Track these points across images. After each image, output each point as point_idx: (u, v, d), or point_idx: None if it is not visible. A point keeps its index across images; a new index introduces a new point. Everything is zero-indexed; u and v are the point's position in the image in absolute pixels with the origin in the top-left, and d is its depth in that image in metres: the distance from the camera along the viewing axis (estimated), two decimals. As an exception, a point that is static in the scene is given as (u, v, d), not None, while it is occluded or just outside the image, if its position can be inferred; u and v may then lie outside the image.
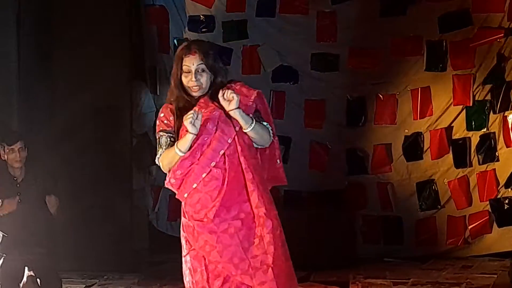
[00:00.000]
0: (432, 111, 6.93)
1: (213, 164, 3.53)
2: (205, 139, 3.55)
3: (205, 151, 3.54)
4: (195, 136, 3.51)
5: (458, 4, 6.84)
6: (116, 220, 6.36)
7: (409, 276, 6.11)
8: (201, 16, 7.29)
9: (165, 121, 3.64)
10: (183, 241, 3.62)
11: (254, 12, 7.21)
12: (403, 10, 6.97)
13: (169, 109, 3.66)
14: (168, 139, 3.62)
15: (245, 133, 3.56)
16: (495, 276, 6.11)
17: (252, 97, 3.59)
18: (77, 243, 6.14)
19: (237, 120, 3.53)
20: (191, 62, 3.57)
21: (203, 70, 3.58)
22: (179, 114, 3.60)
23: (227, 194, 3.52)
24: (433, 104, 6.93)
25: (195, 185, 3.55)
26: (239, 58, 7.25)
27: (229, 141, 3.54)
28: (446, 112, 6.92)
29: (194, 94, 3.60)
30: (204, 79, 3.59)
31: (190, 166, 3.55)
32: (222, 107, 3.55)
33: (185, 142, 3.52)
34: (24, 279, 5.00)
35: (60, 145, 6.06)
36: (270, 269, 3.51)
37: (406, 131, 7.01)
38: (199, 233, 3.54)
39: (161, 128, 3.64)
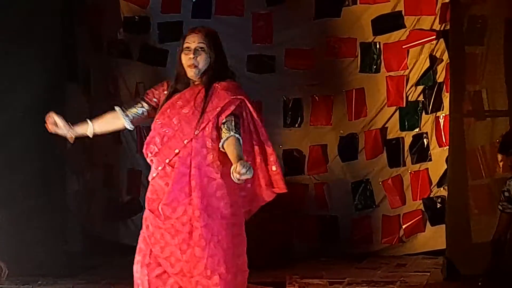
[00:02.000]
0: (367, 112, 7.02)
1: (167, 161, 3.57)
2: (166, 131, 3.59)
3: (166, 144, 3.59)
4: None
5: (391, 6, 6.95)
6: (49, 224, 6.24)
7: (345, 276, 6.16)
8: (136, 17, 7.22)
9: (152, 93, 3.74)
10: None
11: (189, 14, 7.18)
12: (338, 12, 7.05)
13: (166, 84, 3.75)
14: (137, 107, 3.72)
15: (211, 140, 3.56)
16: (429, 274, 6.21)
17: (221, 104, 3.57)
18: (10, 248, 6.00)
19: (200, 125, 3.54)
20: (193, 40, 3.64)
21: (202, 50, 3.63)
22: (171, 92, 3.67)
23: (174, 194, 3.55)
24: (367, 105, 7.02)
25: (154, 174, 3.62)
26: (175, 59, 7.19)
27: (185, 142, 3.55)
28: (380, 113, 7.02)
29: (190, 73, 3.63)
30: (202, 58, 3.63)
31: (153, 151, 3.62)
32: (195, 105, 3.57)
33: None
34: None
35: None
36: (195, 279, 3.55)
37: (341, 132, 7.09)
38: (150, 225, 3.62)
39: (144, 96, 3.75)
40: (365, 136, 7.03)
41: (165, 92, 3.70)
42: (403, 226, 6.94)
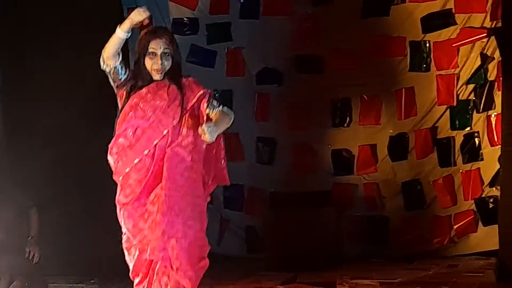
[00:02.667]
0: (417, 112, 6.96)
1: (146, 152, 3.69)
2: (140, 122, 3.70)
3: (140, 137, 3.69)
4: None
5: (440, 4, 6.88)
6: (103, 223, 6.30)
7: (396, 276, 6.12)
8: (185, 19, 7.28)
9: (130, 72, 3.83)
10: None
11: (237, 14, 7.22)
12: (386, 11, 7.01)
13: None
14: (123, 70, 3.81)
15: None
16: (481, 274, 6.13)
17: (195, 95, 3.75)
18: (64, 247, 6.10)
19: (178, 115, 3.70)
20: (158, 46, 3.75)
21: (168, 54, 3.75)
22: (130, 91, 3.76)
23: (150, 182, 3.70)
24: (417, 104, 6.96)
25: (127, 170, 3.72)
26: (223, 60, 7.24)
27: (164, 132, 3.69)
28: (430, 112, 6.96)
29: (155, 77, 3.76)
30: (167, 63, 3.76)
31: (123, 145, 3.72)
32: (170, 98, 3.72)
33: (126, 25, 3.70)
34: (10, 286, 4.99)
35: (44, 148, 6.02)
36: (151, 245, 3.69)
37: (391, 131, 7.04)
38: (132, 220, 3.78)
39: (128, 69, 3.86)
40: (415, 136, 6.97)
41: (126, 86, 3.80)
42: (455, 227, 6.86)
